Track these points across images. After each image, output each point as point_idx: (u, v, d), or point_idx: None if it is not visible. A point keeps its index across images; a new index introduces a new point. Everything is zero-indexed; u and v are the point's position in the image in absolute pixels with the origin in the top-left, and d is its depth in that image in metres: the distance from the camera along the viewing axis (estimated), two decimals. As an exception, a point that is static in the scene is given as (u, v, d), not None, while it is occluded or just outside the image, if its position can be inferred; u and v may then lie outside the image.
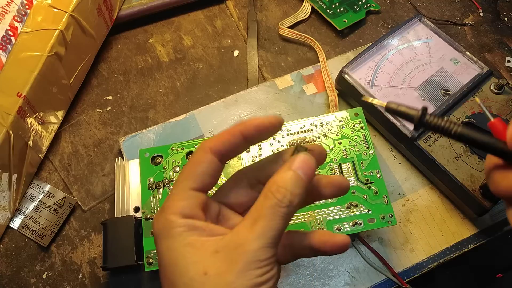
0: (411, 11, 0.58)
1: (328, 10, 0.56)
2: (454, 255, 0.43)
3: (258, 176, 0.30)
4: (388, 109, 0.28)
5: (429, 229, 0.44)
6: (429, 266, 0.43)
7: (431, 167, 0.44)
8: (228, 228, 0.28)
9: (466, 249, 0.43)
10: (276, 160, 0.30)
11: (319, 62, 0.52)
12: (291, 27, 0.56)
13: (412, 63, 0.49)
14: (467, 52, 0.49)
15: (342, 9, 0.56)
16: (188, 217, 0.27)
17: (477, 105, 0.46)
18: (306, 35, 0.54)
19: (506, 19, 0.58)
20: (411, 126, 0.44)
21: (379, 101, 0.29)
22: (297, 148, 0.29)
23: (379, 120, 0.47)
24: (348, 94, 0.49)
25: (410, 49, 0.50)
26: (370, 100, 0.30)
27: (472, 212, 0.42)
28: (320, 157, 0.31)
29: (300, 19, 0.57)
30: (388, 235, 0.43)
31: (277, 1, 0.59)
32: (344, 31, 0.56)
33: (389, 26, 0.57)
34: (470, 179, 0.42)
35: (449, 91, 0.46)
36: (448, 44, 0.50)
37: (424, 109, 0.27)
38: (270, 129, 0.29)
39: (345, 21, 0.55)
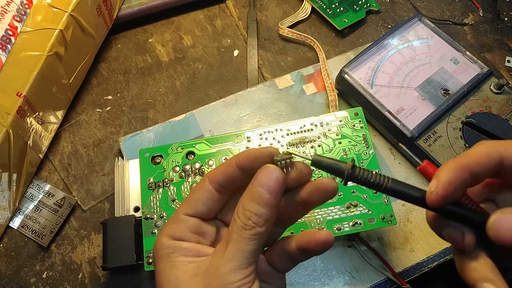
0: (411, 11, 0.58)
1: (328, 10, 0.56)
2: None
3: None
4: (314, 163, 0.27)
5: (429, 229, 0.44)
6: (429, 266, 0.43)
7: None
8: None
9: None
10: (254, 170, 0.29)
11: (319, 62, 0.52)
12: (291, 26, 0.56)
13: (412, 63, 0.49)
14: (467, 52, 0.49)
15: (342, 8, 0.56)
16: (177, 239, 0.28)
17: (477, 106, 0.46)
18: (306, 35, 0.54)
19: (506, 19, 0.58)
20: (410, 126, 0.44)
21: (303, 155, 0.28)
22: (279, 158, 0.27)
23: (379, 120, 0.47)
24: (348, 94, 0.49)
25: (410, 49, 0.49)
26: (295, 154, 0.28)
27: None
28: (301, 175, 0.29)
29: (300, 19, 0.57)
30: (388, 235, 0.43)
31: (277, 1, 0.59)
32: (344, 30, 0.56)
33: (389, 26, 0.57)
34: None
35: (449, 91, 0.46)
36: (448, 44, 0.50)
37: (353, 164, 0.26)
38: (260, 159, 0.28)
39: (345, 21, 0.55)
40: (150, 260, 0.38)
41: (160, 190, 0.41)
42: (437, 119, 0.45)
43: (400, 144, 0.45)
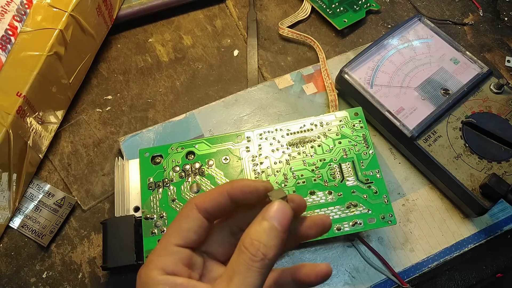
0: (411, 11, 0.58)
1: (328, 10, 0.56)
2: (454, 255, 0.43)
3: (239, 224, 0.30)
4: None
5: (429, 228, 0.44)
6: (429, 265, 0.43)
7: (431, 167, 0.44)
8: (211, 280, 0.27)
9: (466, 248, 0.43)
10: (256, 206, 0.28)
11: (319, 61, 0.52)
12: (291, 26, 0.56)
13: (412, 63, 0.49)
14: (467, 52, 0.49)
15: (342, 8, 0.56)
16: (170, 273, 0.27)
17: (477, 105, 0.46)
18: (305, 35, 0.54)
19: (506, 18, 0.58)
20: (410, 126, 0.44)
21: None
22: (273, 195, 0.27)
23: (379, 120, 0.47)
24: (348, 94, 0.49)
25: (410, 49, 0.49)
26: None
27: (472, 211, 0.43)
28: (298, 207, 0.29)
29: (300, 19, 0.57)
30: (388, 234, 0.43)
31: (277, 1, 0.59)
32: (344, 30, 0.56)
33: (389, 26, 0.57)
34: (470, 179, 0.42)
35: (449, 90, 0.46)
36: (448, 44, 0.50)
37: None
38: (254, 194, 0.28)
39: (345, 21, 0.55)
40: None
41: (160, 190, 0.41)
42: (437, 119, 0.45)
43: (400, 144, 0.46)
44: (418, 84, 0.47)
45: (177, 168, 0.42)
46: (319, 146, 0.43)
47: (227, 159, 0.43)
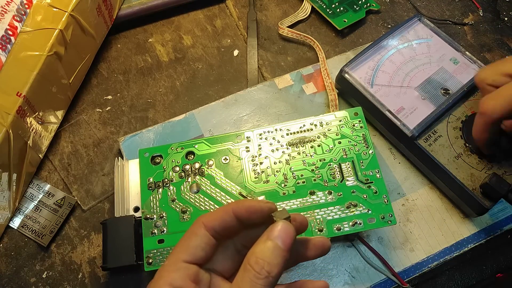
0: (411, 11, 0.58)
1: (328, 10, 0.56)
2: (454, 255, 0.43)
3: (243, 241, 0.31)
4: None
5: (428, 228, 0.44)
6: (429, 265, 0.43)
7: (432, 166, 0.44)
8: None
9: (466, 248, 0.43)
10: (260, 224, 0.30)
11: (319, 61, 0.52)
12: (290, 26, 0.56)
13: (412, 63, 0.49)
14: (467, 52, 0.49)
15: (342, 8, 0.56)
16: None
17: (477, 106, 0.46)
18: (305, 35, 0.54)
19: (506, 18, 0.58)
20: (410, 126, 0.44)
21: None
22: (277, 215, 0.29)
23: (379, 119, 0.47)
24: (348, 94, 0.49)
25: (410, 49, 0.49)
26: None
27: (473, 211, 0.43)
28: (301, 227, 0.31)
29: (300, 19, 0.57)
30: (387, 234, 0.44)
31: (277, 1, 0.59)
32: (344, 30, 0.56)
33: (389, 26, 0.57)
34: (470, 179, 0.42)
35: (449, 90, 0.46)
36: (448, 44, 0.50)
37: None
38: (259, 214, 0.29)
39: (345, 21, 0.55)
40: (150, 260, 0.38)
41: (160, 190, 0.41)
42: (437, 119, 0.45)
43: (400, 143, 0.46)
44: (419, 84, 0.47)
45: (177, 168, 0.42)
46: (319, 146, 0.43)
47: (227, 159, 0.43)
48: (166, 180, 0.42)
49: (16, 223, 0.44)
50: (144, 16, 0.56)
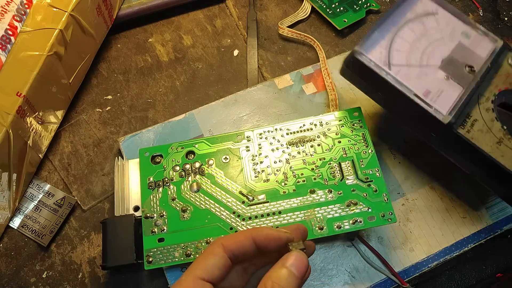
0: (411, 11, 0.58)
1: (328, 10, 0.56)
2: (454, 255, 0.43)
3: (252, 262, 0.33)
4: None
5: (428, 228, 0.44)
6: (429, 265, 0.43)
7: (475, 158, 0.38)
8: None
9: (466, 248, 0.43)
10: (274, 252, 0.32)
11: (319, 61, 0.52)
12: (290, 26, 0.56)
13: (425, 39, 0.42)
14: (477, 24, 0.44)
15: (342, 8, 0.56)
16: None
17: (502, 82, 0.41)
18: (305, 34, 0.54)
19: (506, 18, 0.58)
20: (444, 111, 0.39)
21: None
22: (293, 245, 0.31)
23: (402, 107, 0.41)
24: (362, 80, 0.42)
25: (419, 24, 0.43)
26: None
27: None
28: (310, 252, 0.35)
29: (300, 19, 0.57)
30: (387, 234, 0.43)
31: (277, 1, 0.59)
32: (344, 30, 0.56)
33: (389, 26, 0.57)
34: None
35: (473, 67, 0.41)
36: (456, 17, 0.44)
37: None
38: (277, 242, 0.31)
39: (345, 21, 0.55)
40: (150, 259, 0.38)
41: (160, 189, 0.41)
42: (468, 101, 0.39)
43: (431, 134, 0.40)
44: (439, 62, 0.41)
45: (177, 168, 0.42)
46: (318, 145, 0.43)
47: (227, 159, 0.43)
48: (166, 179, 0.42)
49: (16, 223, 0.44)
50: (144, 16, 0.56)
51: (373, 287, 0.42)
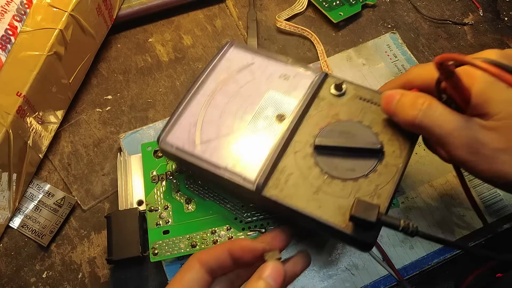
0: (411, 11, 0.58)
1: (324, 3, 0.57)
2: (454, 253, 0.43)
3: (238, 274, 0.33)
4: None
5: (428, 226, 0.44)
6: (429, 263, 0.42)
7: (290, 217, 0.35)
8: None
9: (466, 247, 0.43)
10: (253, 264, 0.31)
11: (318, 59, 0.52)
12: (287, 20, 0.56)
13: (238, 98, 0.39)
14: (291, 60, 0.40)
15: (338, 2, 0.57)
16: None
17: (323, 118, 0.37)
18: (303, 28, 0.54)
19: (506, 18, 0.58)
20: (252, 176, 0.35)
21: None
22: (269, 255, 0.30)
23: (216, 185, 0.40)
24: (179, 165, 0.41)
25: (232, 83, 0.40)
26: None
27: (359, 249, 0.35)
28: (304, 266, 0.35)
29: (296, 12, 0.57)
30: (387, 232, 0.43)
31: (277, 1, 0.59)
32: (339, 24, 0.56)
33: (389, 26, 0.57)
34: (339, 213, 0.32)
35: (284, 115, 0.37)
36: (272, 60, 0.40)
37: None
38: (252, 253, 0.31)
39: (340, 14, 0.56)
40: (156, 251, 0.39)
41: (164, 182, 0.41)
42: (280, 155, 0.35)
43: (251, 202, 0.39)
44: (249, 121, 0.37)
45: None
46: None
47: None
48: (169, 172, 0.42)
49: (16, 223, 0.44)
50: (144, 16, 0.56)
51: (373, 284, 0.42)
